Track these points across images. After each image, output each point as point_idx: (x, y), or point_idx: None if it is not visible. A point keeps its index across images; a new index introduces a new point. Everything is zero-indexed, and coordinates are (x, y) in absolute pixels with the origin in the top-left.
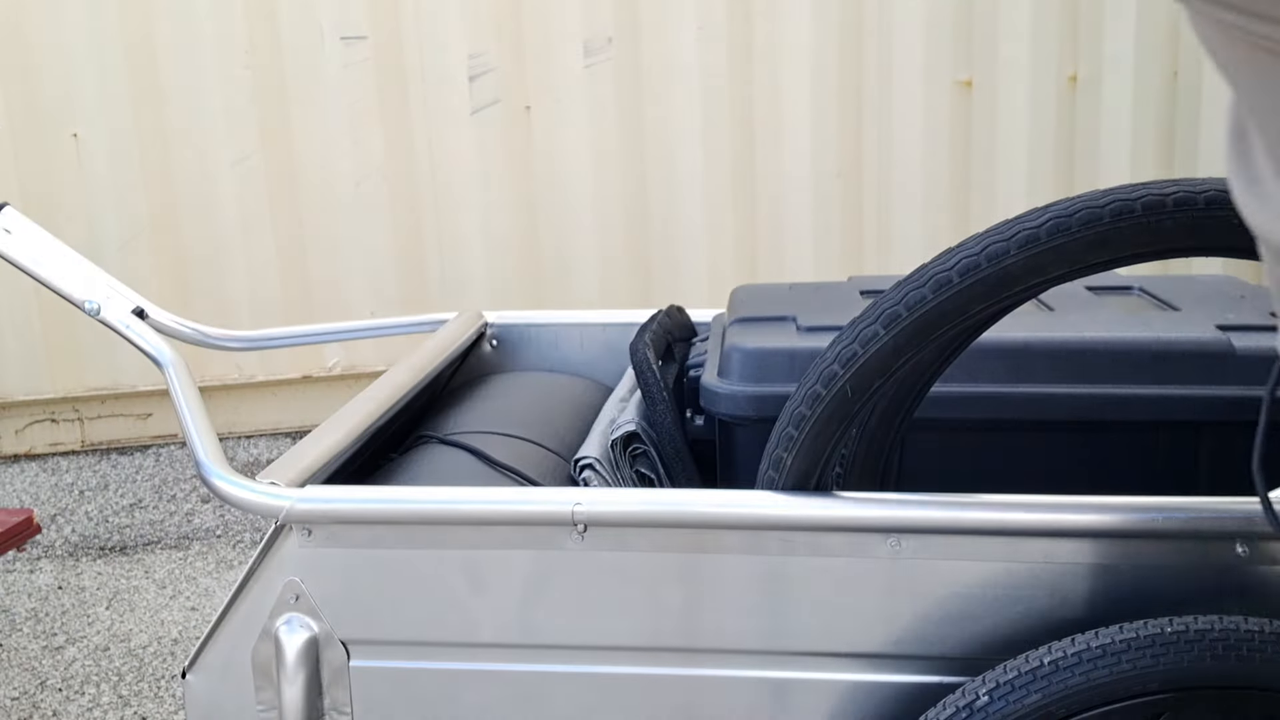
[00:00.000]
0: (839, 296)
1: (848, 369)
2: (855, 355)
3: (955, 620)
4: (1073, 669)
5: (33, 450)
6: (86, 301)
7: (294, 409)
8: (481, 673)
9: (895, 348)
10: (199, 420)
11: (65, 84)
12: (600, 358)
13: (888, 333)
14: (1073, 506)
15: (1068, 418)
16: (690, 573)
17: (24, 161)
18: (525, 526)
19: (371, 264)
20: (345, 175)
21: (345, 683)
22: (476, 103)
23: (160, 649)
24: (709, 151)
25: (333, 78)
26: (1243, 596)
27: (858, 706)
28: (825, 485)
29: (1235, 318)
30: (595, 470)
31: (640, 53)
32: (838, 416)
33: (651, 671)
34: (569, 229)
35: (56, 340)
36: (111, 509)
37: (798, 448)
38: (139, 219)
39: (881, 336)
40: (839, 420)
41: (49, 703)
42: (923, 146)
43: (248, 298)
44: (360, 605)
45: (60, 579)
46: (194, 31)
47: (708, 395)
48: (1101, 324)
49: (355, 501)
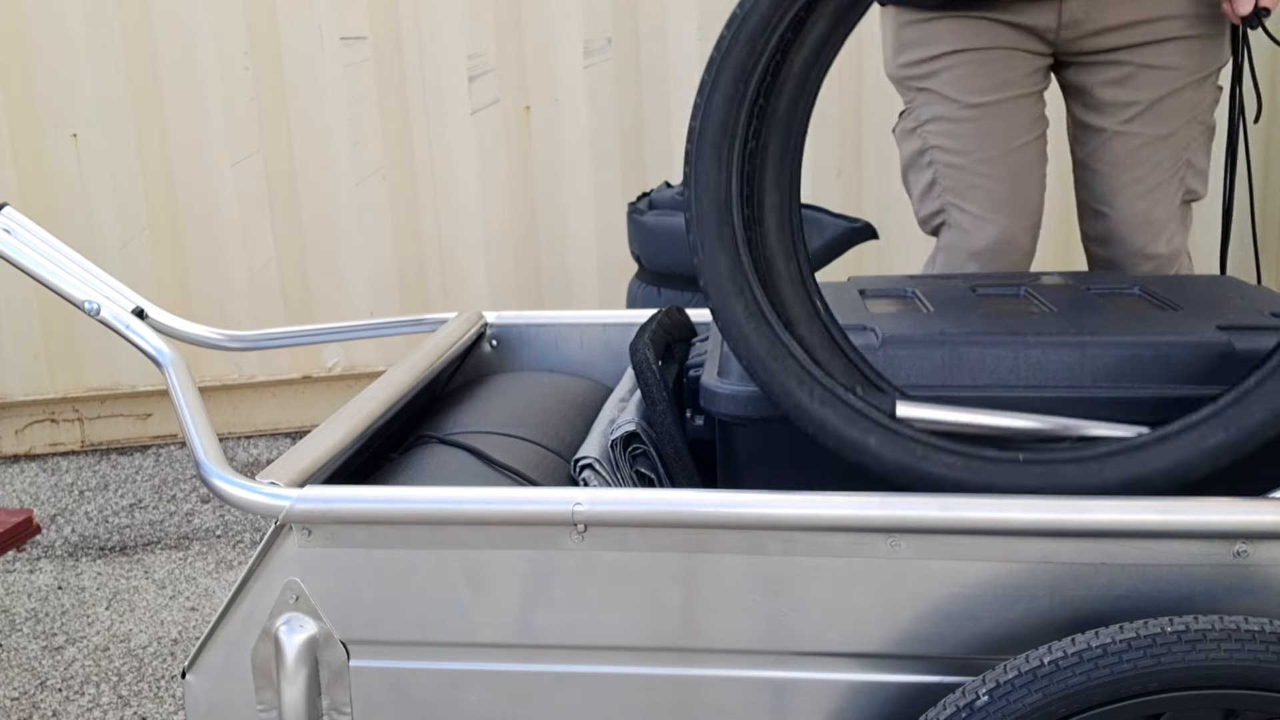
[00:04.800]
0: (839, 297)
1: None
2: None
3: (955, 620)
4: (1073, 669)
5: (33, 450)
6: (86, 301)
7: (294, 409)
8: (481, 673)
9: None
10: (199, 420)
11: (65, 84)
12: (600, 358)
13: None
14: (1073, 506)
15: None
16: (690, 573)
17: (24, 161)
18: (525, 526)
19: (371, 264)
20: (345, 175)
21: (345, 683)
22: (476, 103)
23: (160, 649)
24: None
25: (333, 78)
26: (1243, 597)
27: (858, 706)
28: (738, 161)
29: (1235, 318)
30: (595, 470)
31: (640, 53)
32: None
33: (651, 671)
34: (569, 229)
35: (56, 340)
36: (111, 509)
37: (705, 107)
38: (139, 219)
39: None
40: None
41: (49, 703)
42: None
43: (248, 298)
44: (360, 605)
45: (60, 579)
46: (194, 31)
47: (708, 395)
48: (1102, 324)
49: (355, 501)
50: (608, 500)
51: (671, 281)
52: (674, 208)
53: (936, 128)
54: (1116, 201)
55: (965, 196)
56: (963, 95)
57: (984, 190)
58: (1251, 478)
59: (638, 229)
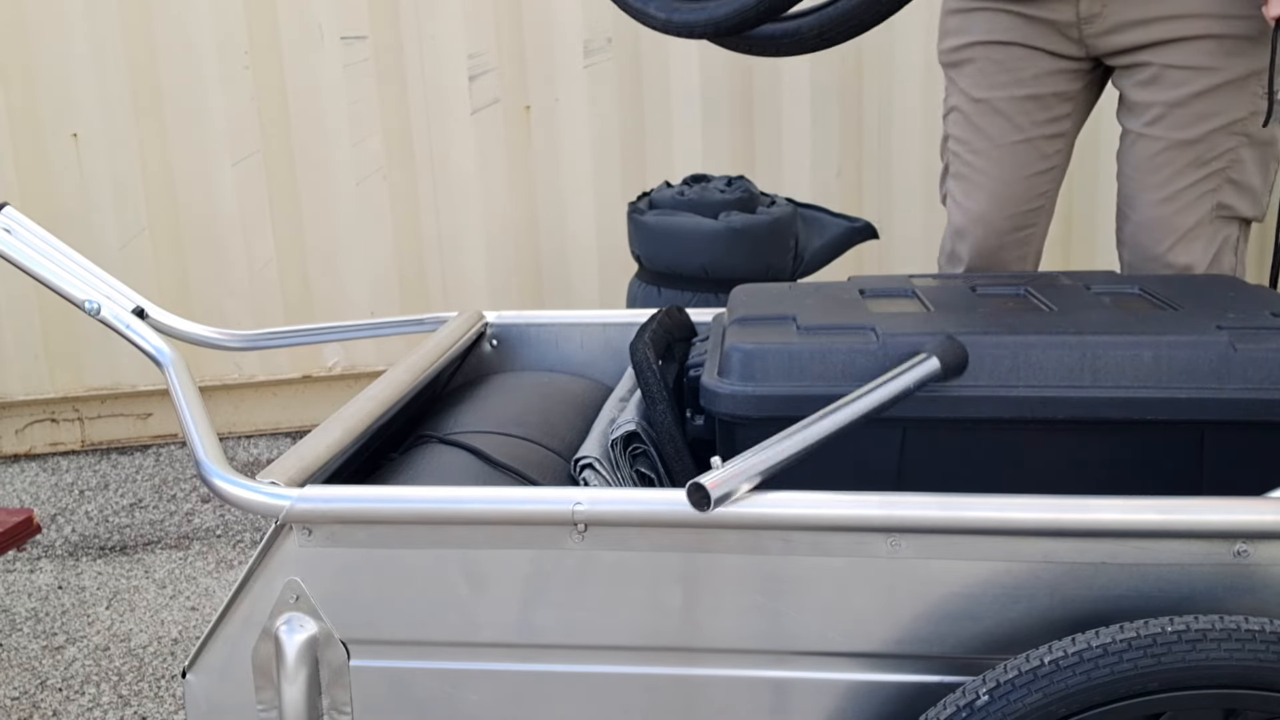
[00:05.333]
0: (839, 296)
1: None
2: None
3: (955, 620)
4: (1073, 668)
5: (33, 450)
6: (86, 301)
7: (294, 409)
8: (482, 672)
9: None
10: (199, 420)
11: (65, 84)
12: (600, 357)
13: None
14: (1073, 506)
15: (1068, 417)
16: (690, 572)
17: (24, 161)
18: (525, 526)
19: (371, 263)
20: (345, 175)
21: (345, 682)
22: (477, 102)
23: (160, 649)
24: (709, 151)
25: (333, 77)
26: (1243, 596)
27: (858, 706)
28: None
29: (1235, 318)
30: (595, 470)
31: (640, 53)
32: None
33: (651, 671)
34: (569, 229)
35: (56, 340)
36: (111, 509)
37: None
38: (139, 219)
39: None
40: None
41: (49, 702)
42: (923, 146)
43: (248, 297)
44: (360, 605)
45: (60, 579)
46: (194, 31)
47: (708, 395)
48: (1102, 324)
49: (355, 501)
50: (608, 500)
51: (672, 281)
52: (674, 208)
53: (954, 117)
54: (1137, 204)
55: (958, 181)
56: (974, 89)
57: (969, 180)
58: (1252, 478)
59: (638, 229)
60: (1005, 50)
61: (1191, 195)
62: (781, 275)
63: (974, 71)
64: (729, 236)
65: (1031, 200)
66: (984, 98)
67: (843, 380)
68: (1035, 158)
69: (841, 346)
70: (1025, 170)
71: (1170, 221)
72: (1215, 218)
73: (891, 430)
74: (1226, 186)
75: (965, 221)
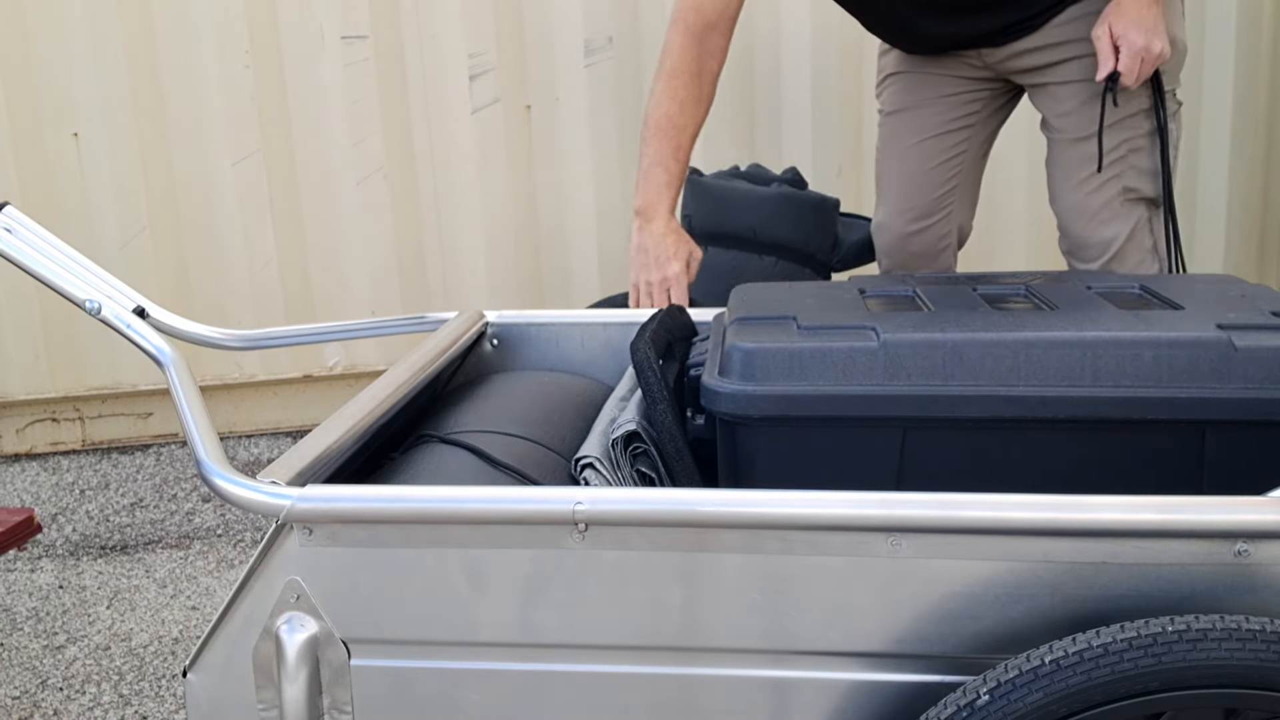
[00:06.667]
0: (839, 296)
1: None
2: None
3: (956, 619)
4: (1074, 668)
5: (33, 449)
6: (87, 301)
7: (294, 408)
8: (482, 672)
9: None
10: (200, 419)
11: (65, 84)
12: (601, 357)
13: None
14: (1073, 506)
15: (1068, 417)
16: (691, 572)
17: (24, 161)
18: (526, 525)
19: (372, 263)
20: (345, 175)
21: (346, 682)
22: (477, 102)
23: (161, 648)
24: (709, 151)
25: (333, 77)
26: (1243, 596)
27: (858, 706)
28: None
29: (1236, 317)
30: (596, 469)
31: (640, 53)
32: None
33: (652, 671)
34: (569, 228)
35: (57, 340)
36: (112, 508)
37: None
38: (140, 218)
39: None
40: None
41: (49, 702)
42: None
43: (248, 297)
44: (361, 604)
45: (61, 578)
46: (194, 31)
47: (708, 395)
48: (1102, 323)
49: (356, 500)
50: (609, 499)
51: (718, 240)
52: (731, 178)
53: (879, 133)
54: (1058, 193)
55: (877, 191)
56: (887, 106)
57: (881, 183)
58: (1253, 477)
59: (693, 188)
60: (913, 76)
61: (1097, 181)
62: (820, 255)
63: (892, 94)
64: (779, 200)
65: (935, 188)
66: (892, 110)
67: (843, 380)
68: (936, 150)
69: (842, 346)
70: (927, 164)
71: (1083, 204)
72: (1125, 200)
73: (891, 430)
74: (1129, 172)
75: (877, 222)
